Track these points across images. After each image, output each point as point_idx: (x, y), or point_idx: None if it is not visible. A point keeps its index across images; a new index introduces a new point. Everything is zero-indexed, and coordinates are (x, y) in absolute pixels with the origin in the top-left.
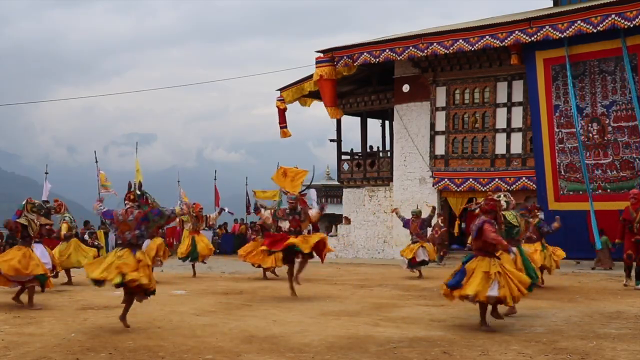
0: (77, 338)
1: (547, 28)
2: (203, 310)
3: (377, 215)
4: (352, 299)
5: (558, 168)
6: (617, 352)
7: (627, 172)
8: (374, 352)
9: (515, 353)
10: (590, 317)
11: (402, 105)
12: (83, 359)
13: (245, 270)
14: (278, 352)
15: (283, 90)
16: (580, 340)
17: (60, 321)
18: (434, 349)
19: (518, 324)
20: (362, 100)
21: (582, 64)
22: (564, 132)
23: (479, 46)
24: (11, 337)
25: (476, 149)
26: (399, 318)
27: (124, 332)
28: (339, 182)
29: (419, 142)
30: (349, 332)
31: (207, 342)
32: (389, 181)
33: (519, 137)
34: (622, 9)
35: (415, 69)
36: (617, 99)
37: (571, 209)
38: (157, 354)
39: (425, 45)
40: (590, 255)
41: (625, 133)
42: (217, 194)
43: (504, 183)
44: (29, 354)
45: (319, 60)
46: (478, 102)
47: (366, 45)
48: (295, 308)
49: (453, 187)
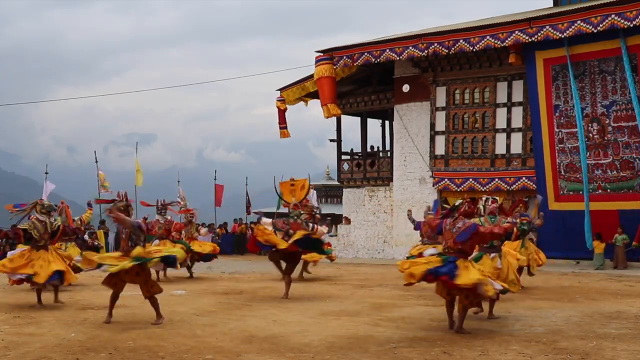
0: (77, 338)
1: (547, 28)
2: (203, 310)
3: (377, 215)
4: (352, 299)
5: (558, 168)
6: (617, 352)
7: (627, 172)
8: (374, 352)
9: (515, 353)
10: (590, 317)
11: (402, 105)
12: (83, 359)
13: (245, 270)
14: (278, 352)
15: (283, 90)
16: (580, 340)
17: (60, 321)
18: (434, 349)
19: (518, 324)
20: (362, 100)
21: (582, 64)
22: (564, 132)
23: (479, 46)
24: (11, 337)
25: (476, 149)
26: (399, 318)
27: (124, 332)
28: (339, 182)
29: (419, 142)
30: (349, 332)
31: (207, 342)
32: (389, 181)
33: (519, 137)
34: (622, 9)
35: (415, 69)
36: (617, 99)
37: (571, 209)
38: (157, 354)
39: (425, 45)
40: (590, 256)
41: (625, 133)
42: (217, 193)
43: (504, 183)
44: (29, 354)
45: (318, 60)
46: (478, 102)
47: (366, 45)
48: (295, 308)
49: (453, 187)
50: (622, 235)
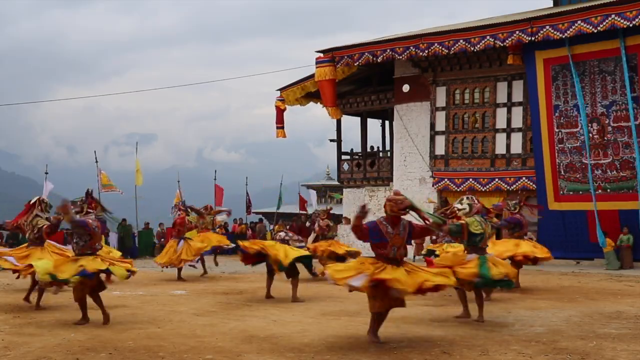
0: (77, 338)
1: (548, 28)
2: (203, 310)
3: (377, 216)
4: (352, 299)
5: (558, 168)
6: (617, 352)
7: (627, 172)
8: (374, 352)
9: (515, 353)
10: (590, 317)
11: (402, 105)
12: (83, 359)
13: (245, 270)
14: (278, 352)
15: (283, 90)
16: (580, 340)
17: (60, 321)
18: (434, 349)
19: (518, 324)
20: (362, 100)
21: (582, 64)
22: (564, 132)
23: (480, 47)
24: (11, 337)
25: (476, 149)
26: (399, 318)
27: (124, 332)
28: (339, 182)
29: (419, 142)
30: (349, 332)
31: (207, 342)
32: (389, 181)
33: (519, 137)
34: (622, 9)
35: (415, 69)
36: (616, 99)
37: (571, 209)
38: (157, 354)
39: (426, 45)
40: (590, 255)
41: (625, 133)
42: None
43: (504, 183)
44: (29, 354)
45: (319, 61)
46: (478, 102)
47: (366, 45)
48: (295, 308)
49: (453, 187)
50: (627, 235)
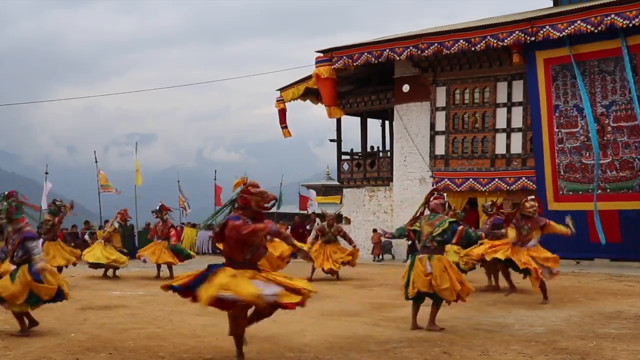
0: (77, 338)
1: (548, 28)
2: (203, 310)
3: (377, 215)
4: (352, 299)
5: (558, 168)
6: (617, 352)
7: (627, 172)
8: (374, 352)
9: (515, 353)
10: (590, 317)
11: (402, 105)
12: (83, 359)
13: None
14: (278, 352)
15: (283, 90)
16: (580, 340)
17: (60, 321)
18: (434, 349)
19: (518, 324)
20: (362, 100)
21: (582, 64)
22: (564, 132)
23: (480, 47)
24: (11, 337)
25: (476, 149)
26: (399, 318)
27: (124, 332)
28: (339, 182)
29: (419, 142)
30: (349, 332)
31: (207, 342)
32: (389, 181)
33: (519, 137)
34: (622, 9)
35: (415, 69)
36: (616, 99)
37: (571, 209)
38: (157, 354)
39: (426, 45)
40: (590, 255)
41: (625, 133)
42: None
43: (504, 183)
44: (29, 354)
45: (318, 60)
46: (478, 102)
47: (366, 45)
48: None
49: (453, 187)
50: None
